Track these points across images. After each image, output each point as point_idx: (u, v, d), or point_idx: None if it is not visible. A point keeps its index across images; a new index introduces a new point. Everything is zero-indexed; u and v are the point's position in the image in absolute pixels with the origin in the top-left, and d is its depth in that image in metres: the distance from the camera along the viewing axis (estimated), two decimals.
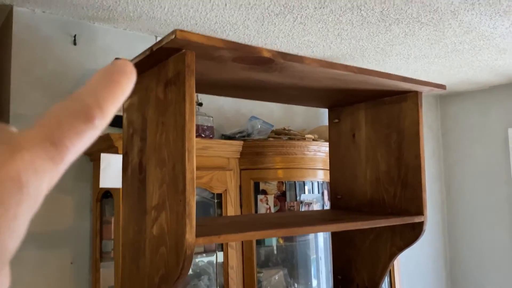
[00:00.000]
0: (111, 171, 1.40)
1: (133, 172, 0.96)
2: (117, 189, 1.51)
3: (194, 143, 0.78)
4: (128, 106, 1.00)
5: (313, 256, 2.14)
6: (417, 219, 1.13)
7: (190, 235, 0.74)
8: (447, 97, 3.85)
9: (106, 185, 1.40)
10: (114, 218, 1.61)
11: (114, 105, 0.18)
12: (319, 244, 2.17)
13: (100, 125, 0.17)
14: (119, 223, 1.53)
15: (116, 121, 1.52)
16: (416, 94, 1.20)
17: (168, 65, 0.82)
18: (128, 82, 0.19)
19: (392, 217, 1.10)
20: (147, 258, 0.88)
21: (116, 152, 1.44)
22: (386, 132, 1.26)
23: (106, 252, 1.71)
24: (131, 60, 0.88)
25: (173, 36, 0.71)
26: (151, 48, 0.80)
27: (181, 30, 0.71)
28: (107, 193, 1.69)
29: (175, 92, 0.80)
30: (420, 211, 1.14)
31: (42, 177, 0.16)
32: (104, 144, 1.52)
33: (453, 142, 3.82)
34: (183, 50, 0.76)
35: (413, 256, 3.38)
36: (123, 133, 1.02)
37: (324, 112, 2.75)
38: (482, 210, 3.58)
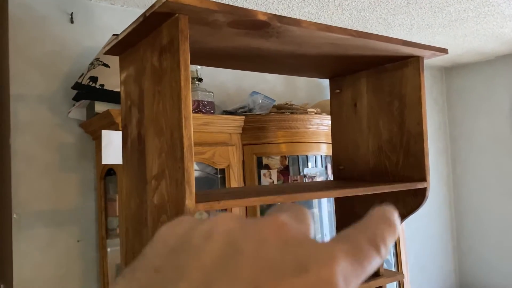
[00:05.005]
0: (113, 148, 1.40)
1: (132, 144, 0.96)
2: (120, 166, 1.51)
3: (191, 110, 0.77)
4: (124, 79, 0.99)
5: (317, 230, 2.15)
6: (420, 185, 1.12)
7: (190, 200, 0.74)
8: (452, 69, 3.79)
9: (108, 161, 1.40)
10: (118, 195, 1.61)
11: (392, 241, 0.21)
12: (323, 217, 2.18)
13: (383, 256, 0.20)
14: (122, 200, 1.54)
15: (116, 97, 1.51)
16: (417, 60, 1.17)
17: (162, 32, 0.80)
18: (399, 225, 0.22)
19: (394, 184, 1.09)
20: (149, 228, 0.89)
21: (117, 128, 1.44)
22: (388, 99, 1.24)
23: (111, 229, 1.72)
24: (126, 29, 0.86)
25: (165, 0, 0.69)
26: (144, 14, 0.79)
27: None
28: (110, 171, 1.70)
29: (170, 59, 0.79)
30: (423, 177, 1.13)
31: (348, 285, 0.18)
32: (105, 121, 1.52)
33: (459, 115, 3.78)
34: (177, 15, 0.75)
35: (419, 230, 3.39)
36: (121, 106, 1.01)
37: (326, 86, 2.72)
38: (488, 182, 3.57)
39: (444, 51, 1.18)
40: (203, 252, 0.18)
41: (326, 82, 2.76)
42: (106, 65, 1.53)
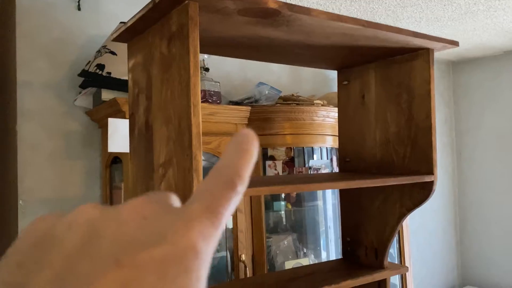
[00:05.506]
0: (119, 136, 1.40)
1: (139, 132, 0.96)
2: (125, 154, 1.51)
3: (199, 98, 0.77)
4: (132, 66, 0.99)
5: (321, 222, 2.16)
6: (427, 179, 1.11)
7: None
8: (460, 64, 3.76)
9: (114, 149, 1.40)
10: (123, 183, 1.62)
11: (249, 169, 0.21)
12: (327, 209, 2.18)
13: (241, 190, 0.21)
14: (128, 188, 1.54)
15: (123, 85, 1.51)
16: (427, 52, 1.16)
17: (172, 18, 0.80)
18: (254, 148, 0.22)
19: (402, 177, 1.09)
20: None
21: (124, 117, 1.44)
22: (396, 92, 1.23)
23: None
24: (135, 15, 0.86)
25: None
26: (153, 0, 0.78)
27: None
28: (116, 159, 1.70)
29: (179, 46, 0.78)
30: (430, 171, 1.12)
31: (209, 242, 0.19)
32: (111, 109, 1.52)
33: (465, 110, 3.76)
34: (186, 1, 0.74)
35: (423, 225, 3.39)
36: (129, 94, 1.01)
37: (333, 79, 2.71)
38: (493, 178, 3.55)
39: (454, 43, 1.17)
40: (65, 241, 0.19)
41: (332, 74, 2.75)
42: (113, 53, 1.53)
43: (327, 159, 2.12)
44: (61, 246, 0.18)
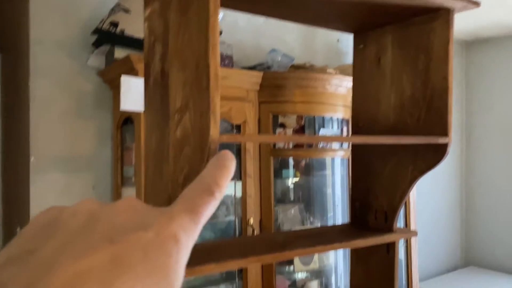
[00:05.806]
0: (132, 94, 1.40)
1: (155, 80, 0.95)
2: (137, 115, 1.51)
3: (218, 38, 0.76)
4: (149, 14, 0.97)
5: (330, 191, 2.16)
6: (441, 140, 1.10)
7: (214, 130, 0.74)
8: (474, 43, 3.70)
9: (126, 107, 1.40)
10: (135, 144, 1.62)
11: (226, 180, 0.26)
12: (336, 180, 2.18)
13: (219, 196, 0.25)
14: (140, 149, 1.55)
15: (136, 43, 1.49)
16: (447, 12, 1.14)
17: None
18: (232, 165, 0.27)
19: (416, 136, 1.08)
20: (171, 162, 0.89)
21: (137, 75, 1.43)
22: (414, 54, 1.21)
23: (127, 177, 1.74)
24: None
25: None
26: None
27: None
28: (127, 120, 1.70)
29: None
30: (445, 133, 1.11)
31: (189, 234, 0.23)
32: (124, 68, 1.51)
33: (477, 91, 3.71)
34: None
35: (429, 203, 3.39)
36: (144, 43, 1.00)
37: (346, 52, 2.68)
38: (501, 160, 3.53)
39: (475, 3, 1.14)
40: (69, 223, 0.23)
41: (345, 48, 2.72)
42: (127, 11, 1.52)
43: (338, 129, 2.11)
44: (66, 226, 0.23)
